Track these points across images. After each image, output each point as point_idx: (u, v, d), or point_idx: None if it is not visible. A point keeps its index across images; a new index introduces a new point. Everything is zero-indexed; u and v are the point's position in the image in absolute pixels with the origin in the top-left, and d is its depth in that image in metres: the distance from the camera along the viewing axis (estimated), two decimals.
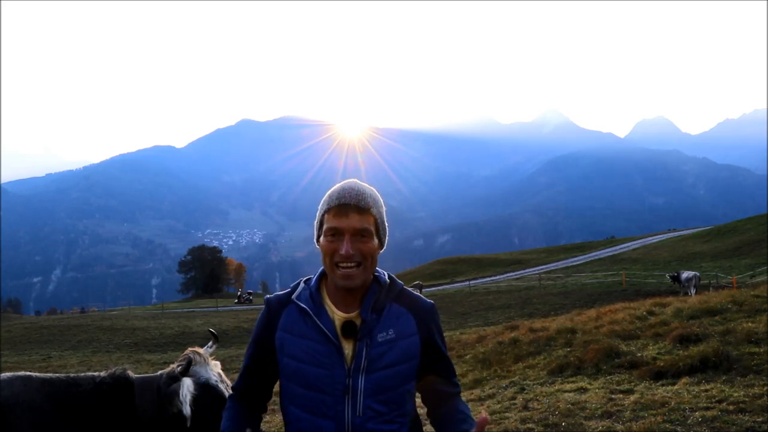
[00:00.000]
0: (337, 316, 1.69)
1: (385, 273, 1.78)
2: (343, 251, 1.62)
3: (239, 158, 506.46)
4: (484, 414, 1.59)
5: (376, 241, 1.68)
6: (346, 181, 1.72)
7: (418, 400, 1.88)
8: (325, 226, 1.67)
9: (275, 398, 1.84)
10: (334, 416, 1.62)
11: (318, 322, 1.66)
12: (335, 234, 1.65)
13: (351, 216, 1.63)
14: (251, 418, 1.80)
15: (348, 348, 1.66)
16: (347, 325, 1.66)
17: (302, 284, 1.78)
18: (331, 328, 1.66)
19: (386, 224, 1.75)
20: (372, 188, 1.73)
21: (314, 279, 1.78)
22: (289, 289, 1.80)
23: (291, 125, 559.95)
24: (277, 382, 1.81)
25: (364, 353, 1.64)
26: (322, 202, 1.72)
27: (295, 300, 1.73)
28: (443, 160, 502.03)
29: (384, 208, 1.74)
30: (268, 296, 1.81)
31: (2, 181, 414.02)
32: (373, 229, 1.67)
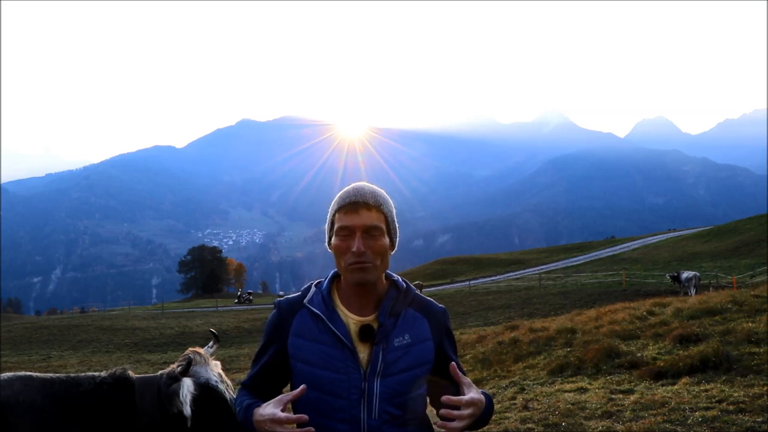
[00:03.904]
0: (352, 320, 1.68)
1: (401, 278, 1.78)
2: (354, 248, 1.61)
3: (239, 158, 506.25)
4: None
5: (387, 239, 1.68)
6: (355, 183, 1.73)
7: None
8: (336, 226, 1.67)
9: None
10: (350, 420, 1.62)
11: (331, 326, 1.66)
12: (346, 233, 1.65)
13: (362, 213, 1.64)
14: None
15: (363, 352, 1.65)
16: (365, 328, 1.66)
17: (313, 288, 1.77)
18: (345, 332, 1.65)
19: (397, 225, 1.75)
20: (382, 190, 1.73)
21: (325, 282, 1.77)
22: (299, 293, 1.78)
23: (291, 125, 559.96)
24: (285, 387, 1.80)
25: (380, 357, 1.64)
26: (332, 203, 1.72)
27: (307, 305, 1.72)
28: (443, 160, 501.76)
29: (394, 210, 1.75)
30: (278, 299, 1.80)
31: (2, 181, 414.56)
32: (383, 226, 1.67)
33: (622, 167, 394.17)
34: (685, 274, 20.59)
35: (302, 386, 1.58)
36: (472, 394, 1.56)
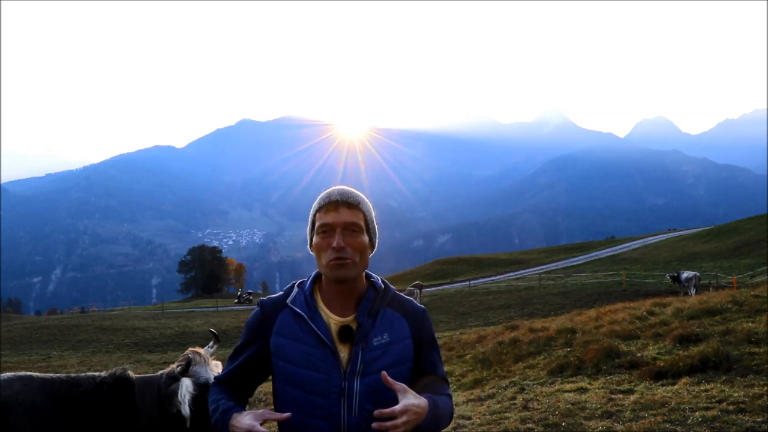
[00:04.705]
0: (333, 320, 1.72)
1: (379, 278, 1.83)
2: (335, 244, 1.67)
3: (239, 158, 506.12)
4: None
5: (366, 237, 1.74)
6: (334, 186, 1.80)
7: None
8: (317, 224, 1.73)
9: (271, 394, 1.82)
10: (330, 417, 1.66)
11: (313, 326, 1.70)
12: (326, 230, 1.70)
13: (341, 211, 1.70)
14: (240, 402, 1.79)
15: (343, 352, 1.69)
16: (344, 329, 1.70)
17: (296, 288, 1.82)
18: (326, 333, 1.70)
19: (376, 226, 1.80)
20: (361, 193, 1.79)
21: (308, 283, 1.81)
22: (282, 293, 1.82)
23: (291, 125, 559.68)
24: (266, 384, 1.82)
25: (359, 357, 1.68)
26: (313, 205, 1.79)
27: (290, 304, 1.76)
28: (444, 160, 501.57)
29: (373, 212, 1.81)
30: (261, 299, 1.83)
31: (2, 181, 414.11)
32: (362, 224, 1.73)
33: (622, 167, 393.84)
34: (685, 274, 20.60)
35: (287, 413, 1.63)
36: (406, 400, 1.58)
